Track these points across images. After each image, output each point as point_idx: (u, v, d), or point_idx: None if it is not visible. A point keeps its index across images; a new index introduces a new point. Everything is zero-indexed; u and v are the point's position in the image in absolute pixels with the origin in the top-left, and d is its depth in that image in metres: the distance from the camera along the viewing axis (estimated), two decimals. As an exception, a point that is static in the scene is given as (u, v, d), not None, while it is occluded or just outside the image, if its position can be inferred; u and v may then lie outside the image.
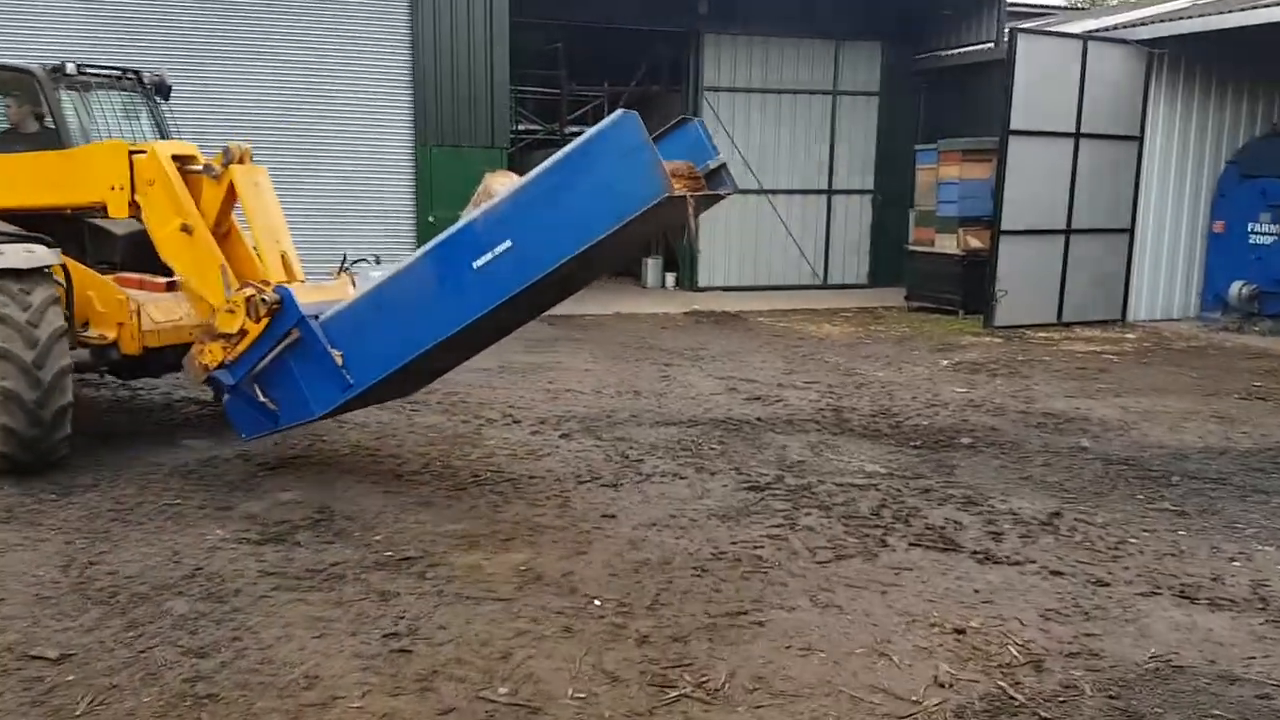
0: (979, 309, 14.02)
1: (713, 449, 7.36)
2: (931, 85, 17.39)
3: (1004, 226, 12.81)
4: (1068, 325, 13.38)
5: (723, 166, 5.71)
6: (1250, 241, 12.93)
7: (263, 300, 5.82)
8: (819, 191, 17.55)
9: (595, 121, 18.52)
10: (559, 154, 5.28)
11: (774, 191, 17.26)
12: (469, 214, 5.68)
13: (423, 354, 5.70)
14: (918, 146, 15.35)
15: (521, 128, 18.98)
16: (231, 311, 5.96)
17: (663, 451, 7.26)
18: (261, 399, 6.02)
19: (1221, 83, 13.76)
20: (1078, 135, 12.99)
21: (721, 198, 5.82)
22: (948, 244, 14.40)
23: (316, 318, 5.84)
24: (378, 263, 7.40)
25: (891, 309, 15.38)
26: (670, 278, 17.57)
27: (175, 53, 12.69)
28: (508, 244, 5.27)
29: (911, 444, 7.61)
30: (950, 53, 17.05)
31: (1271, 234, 12.67)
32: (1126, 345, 12.17)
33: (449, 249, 5.52)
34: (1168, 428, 8.13)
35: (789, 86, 16.98)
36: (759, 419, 8.33)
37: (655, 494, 6.29)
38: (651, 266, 17.65)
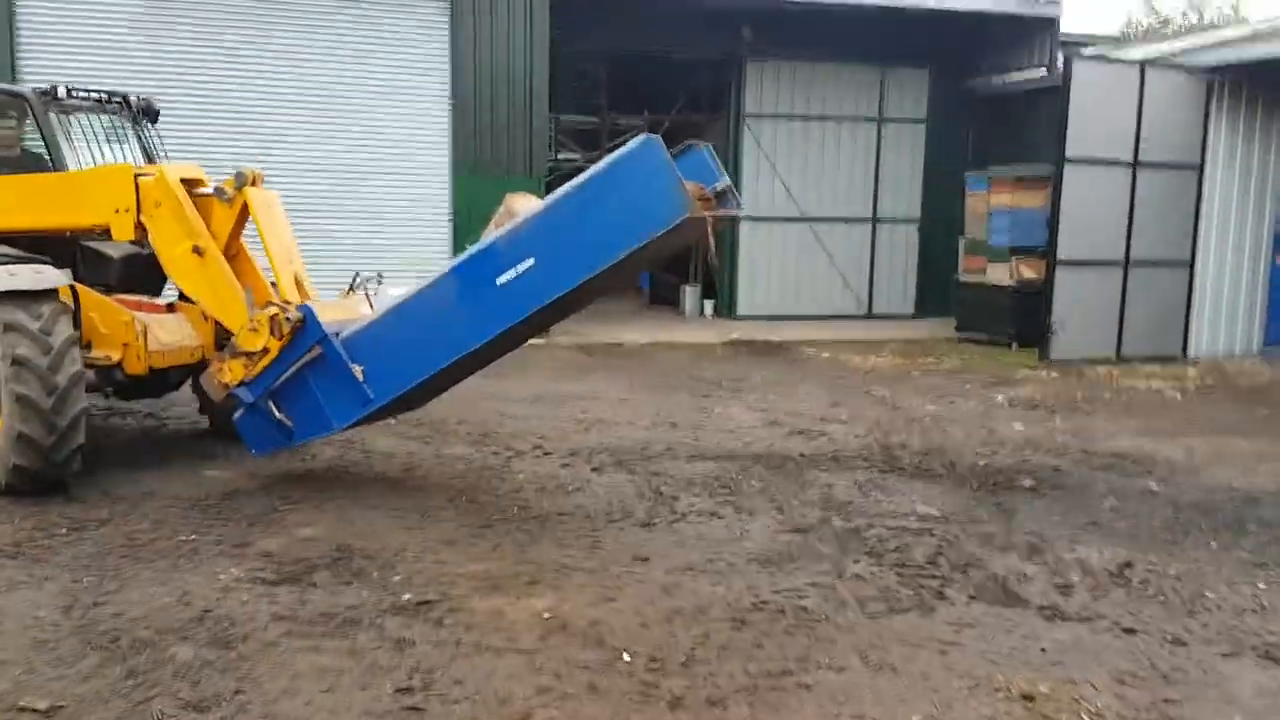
0: (1032, 342, 13.52)
1: (752, 486, 6.99)
2: (980, 112, 16.99)
3: (1060, 256, 12.34)
4: (1126, 360, 12.84)
5: (729, 189, 5.91)
6: (1318, 275, 12.37)
7: (286, 318, 5.93)
8: (863, 220, 17.17)
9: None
10: (584, 175, 5.59)
11: (817, 219, 16.92)
12: (490, 234, 5.94)
13: (443, 369, 5.96)
14: (968, 174, 14.94)
15: (560, 156, 18.84)
16: (255, 330, 6.02)
17: (699, 488, 6.90)
18: (277, 415, 6.12)
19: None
20: (1135, 164, 12.52)
21: (737, 218, 6.58)
22: (1000, 274, 13.94)
23: (337, 335, 6.00)
24: (380, 282, 7.44)
25: (940, 341, 14.90)
26: (709, 305, 17.25)
27: (211, 76, 12.68)
28: (531, 261, 5.52)
29: (967, 485, 7.18)
30: (1001, 80, 16.64)
31: (1342, 265, 12.10)
32: (1188, 382, 11.61)
33: (474, 266, 5.77)
34: (1239, 470, 7.62)
35: (833, 113, 16.67)
36: (802, 455, 7.94)
37: (691, 535, 5.93)
38: (690, 294, 17.34)
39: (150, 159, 7.73)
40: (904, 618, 4.74)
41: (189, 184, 6.54)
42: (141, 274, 7.21)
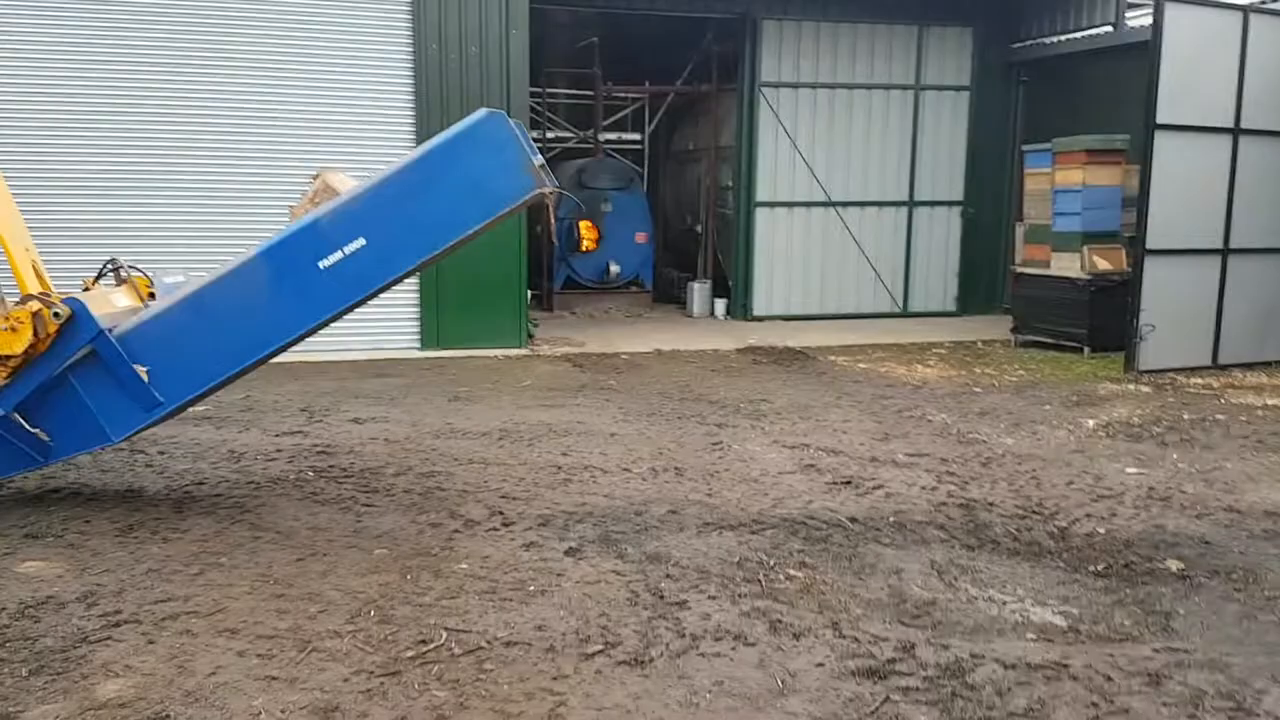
0: (1108, 346, 11.37)
1: (791, 577, 4.92)
2: (1033, 78, 14.78)
3: (1150, 245, 10.16)
4: (1223, 368, 10.67)
5: (543, 165, 5.48)
6: None
7: (54, 314, 5.18)
8: (898, 203, 15.00)
9: (635, 127, 16.12)
10: (422, 148, 5.42)
11: (844, 204, 14.76)
12: (307, 212, 5.51)
13: (253, 363, 5.50)
14: (1026, 147, 12.74)
15: (551, 135, 16.72)
16: (14, 329, 5.19)
17: (716, 582, 4.83)
18: (30, 429, 5.34)
19: None
20: (1237, 131, 10.33)
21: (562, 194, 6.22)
22: (1068, 265, 11.76)
23: (111, 330, 5.34)
24: (116, 268, 6.19)
25: (993, 344, 12.74)
26: (720, 305, 15.11)
27: (163, 58, 10.61)
28: (361, 242, 5.18)
29: (1092, 569, 5.09)
30: (1057, 39, 14.42)
31: None
32: (1314, 396, 9.45)
33: (290, 248, 5.29)
34: None
35: (862, 81, 14.48)
36: (853, 520, 5.84)
37: (706, 681, 3.85)
38: (698, 292, 15.20)
39: None
40: None
41: None
42: None
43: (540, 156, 5.46)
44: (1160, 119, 9.92)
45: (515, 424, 8.12)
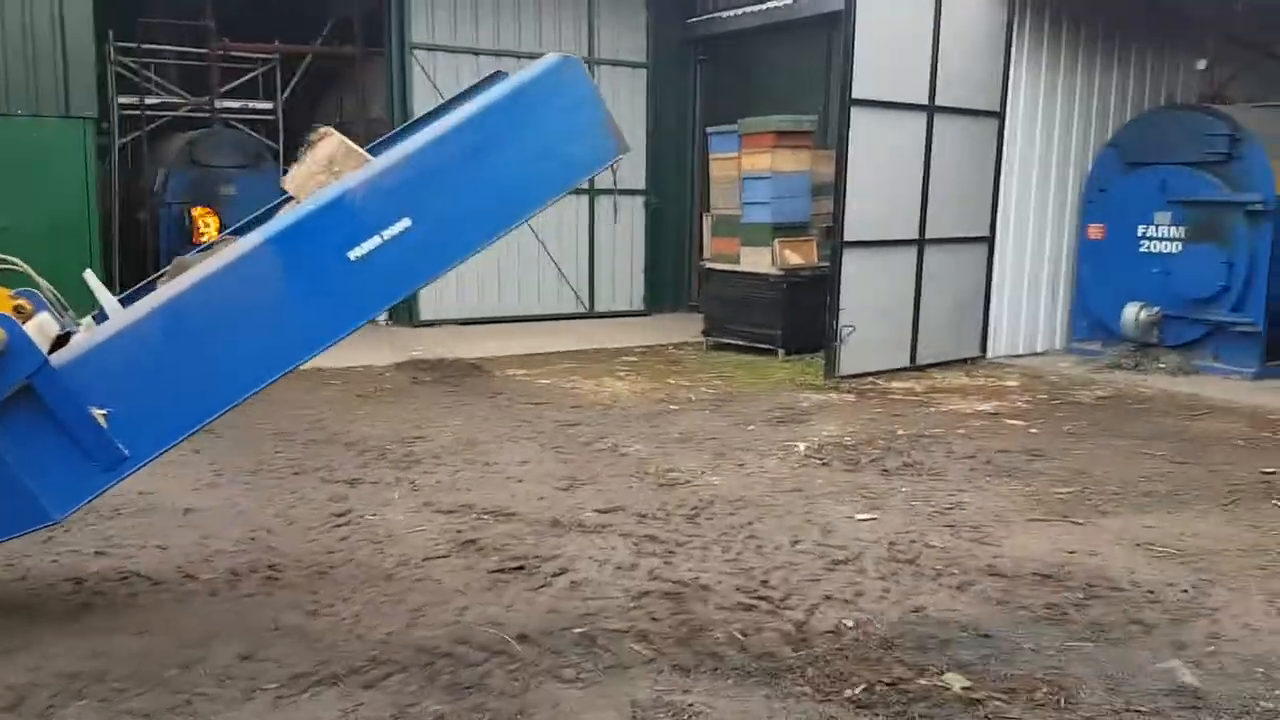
0: (803, 347, 10.41)
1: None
2: (711, 55, 13.74)
3: (847, 236, 9.16)
4: (923, 369, 9.98)
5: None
6: (1142, 250, 10.00)
7: None
8: (576, 192, 13.40)
9: (263, 93, 13.30)
10: (476, 103, 4.03)
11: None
12: (316, 182, 4.05)
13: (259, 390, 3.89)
14: (710, 129, 11.55)
15: (154, 100, 13.58)
16: None
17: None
18: None
19: (1108, 38, 10.84)
20: (931, 108, 9.59)
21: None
22: (759, 260, 10.67)
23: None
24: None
25: (685, 347, 11.47)
26: (382, 309, 12.81)
27: None
28: (405, 224, 3.86)
29: (849, 695, 3.59)
30: (733, 13, 13.43)
31: (1174, 239, 9.77)
32: (1016, 399, 8.83)
33: (308, 233, 3.84)
34: (1265, 601, 4.50)
35: (530, 50, 12.72)
36: (523, 638, 4.03)
37: None
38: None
39: None
40: None
41: None
42: None
43: None
44: (858, 93, 8.93)
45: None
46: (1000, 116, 10.10)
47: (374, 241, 3.83)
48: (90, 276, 4.32)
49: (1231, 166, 9.46)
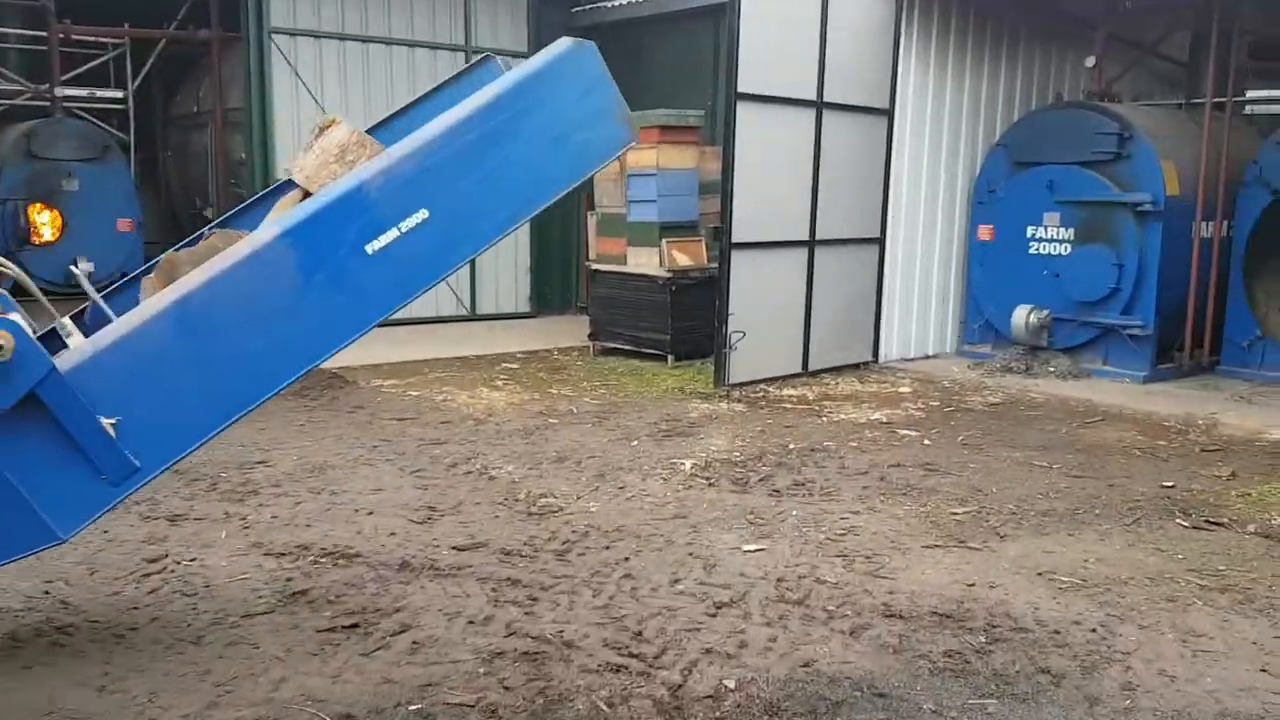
0: (692, 353, 9.93)
1: None
2: (597, 45, 13.15)
3: (736, 238, 8.70)
4: (815, 375, 9.60)
5: None
6: (1031, 251, 9.82)
7: None
8: (456, 188, 12.69)
9: (113, 81, 12.27)
10: (490, 90, 3.86)
11: (392, 187, 12.15)
12: (330, 172, 3.89)
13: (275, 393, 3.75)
14: (595, 122, 10.94)
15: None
16: None
17: None
18: None
19: (997, 34, 10.61)
20: (820, 104, 9.21)
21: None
22: (646, 261, 10.14)
23: None
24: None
25: (570, 353, 10.87)
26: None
27: None
28: (423, 215, 3.73)
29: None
30: (618, 2, 12.89)
31: (1064, 240, 9.59)
32: (909, 406, 8.51)
33: (325, 226, 3.66)
34: (1179, 641, 4.14)
35: (402, 36, 11.96)
36: (347, 717, 3.40)
37: None
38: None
39: None
40: None
41: None
42: None
43: None
44: (743, 87, 8.47)
45: None
46: (890, 114, 9.78)
47: (392, 234, 3.69)
48: (80, 273, 4.18)
49: (1120, 166, 9.33)
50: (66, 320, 3.92)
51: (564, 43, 3.98)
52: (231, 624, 4.17)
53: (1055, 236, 9.64)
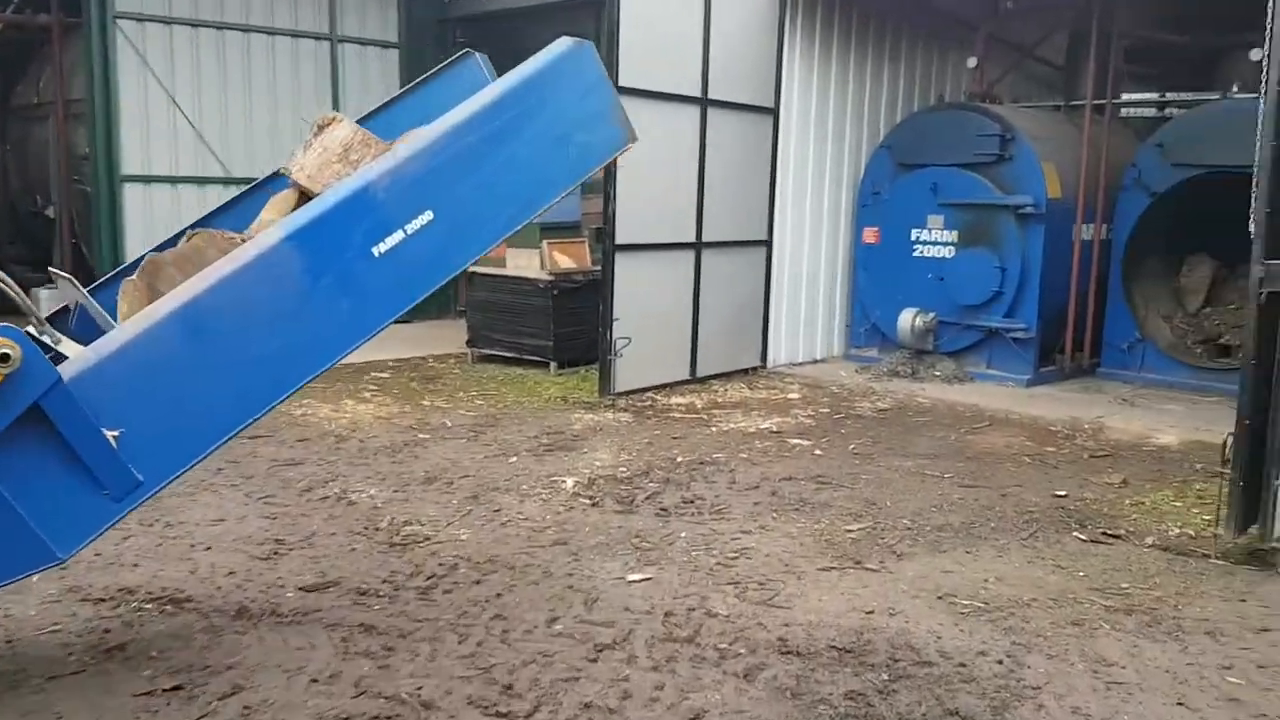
0: (576, 359, 9.49)
1: None
2: (471, 38, 12.56)
3: (619, 239, 8.29)
4: (703, 381, 9.27)
5: None
6: (916, 254, 9.70)
7: (2, 356, 3.09)
8: (324, 185, 11.94)
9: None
10: (491, 90, 3.89)
11: (247, 181, 11.34)
12: (333, 172, 3.93)
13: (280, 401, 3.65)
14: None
15: None
16: None
17: None
18: None
19: (880, 33, 10.48)
20: (705, 101, 8.88)
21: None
22: (527, 264, 9.65)
23: None
24: None
25: (447, 360, 10.29)
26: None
27: None
28: (428, 216, 3.70)
29: None
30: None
31: (948, 243, 9.51)
32: (799, 414, 8.25)
33: (332, 228, 3.58)
34: (1089, 672, 3.89)
35: (261, 23, 11.18)
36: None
37: None
38: (45, 299, 10.80)
39: None
40: None
41: None
42: None
43: None
44: (624, 80, 8.06)
45: None
46: (775, 113, 9.53)
47: (398, 236, 3.63)
48: (66, 276, 3.97)
49: (1002, 168, 9.29)
50: (44, 327, 3.62)
51: (564, 43, 3.98)
52: (34, 687, 3.55)
53: (939, 239, 9.55)
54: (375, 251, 3.62)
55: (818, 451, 7.04)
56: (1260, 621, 4.24)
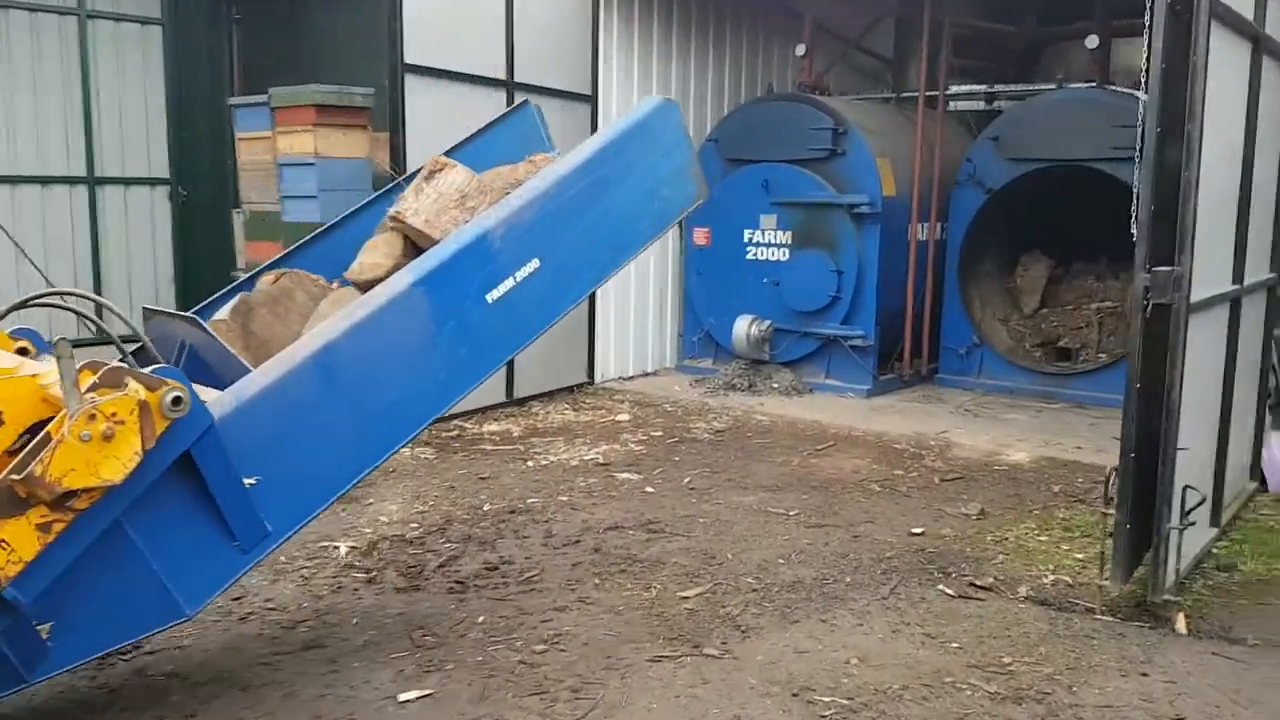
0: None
1: None
2: (250, 16, 11.04)
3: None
4: (522, 403, 8.22)
5: None
6: (749, 257, 8.94)
7: (172, 400, 2.95)
8: (73, 180, 10.18)
9: None
10: (588, 145, 4.14)
11: (-13, 179, 9.59)
12: (450, 219, 4.13)
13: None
14: (236, 101, 9.01)
15: None
16: (108, 435, 2.81)
17: None
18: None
19: (703, 17, 9.69)
20: (511, 85, 7.81)
21: None
22: (309, 273, 8.30)
23: None
24: None
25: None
26: None
27: None
28: (535, 264, 3.85)
29: None
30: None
31: (782, 244, 8.77)
32: (628, 439, 7.32)
33: (453, 276, 3.68)
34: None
35: (-13, -5, 9.35)
36: None
37: None
38: None
39: None
40: None
41: None
42: None
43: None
44: (410, 58, 6.92)
45: None
46: (593, 101, 8.57)
47: (508, 283, 3.75)
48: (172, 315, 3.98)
49: (836, 164, 8.64)
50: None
51: (654, 100, 4.23)
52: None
53: (773, 241, 8.82)
54: (489, 298, 3.71)
55: (649, 489, 6.12)
56: (1170, 704, 3.56)
